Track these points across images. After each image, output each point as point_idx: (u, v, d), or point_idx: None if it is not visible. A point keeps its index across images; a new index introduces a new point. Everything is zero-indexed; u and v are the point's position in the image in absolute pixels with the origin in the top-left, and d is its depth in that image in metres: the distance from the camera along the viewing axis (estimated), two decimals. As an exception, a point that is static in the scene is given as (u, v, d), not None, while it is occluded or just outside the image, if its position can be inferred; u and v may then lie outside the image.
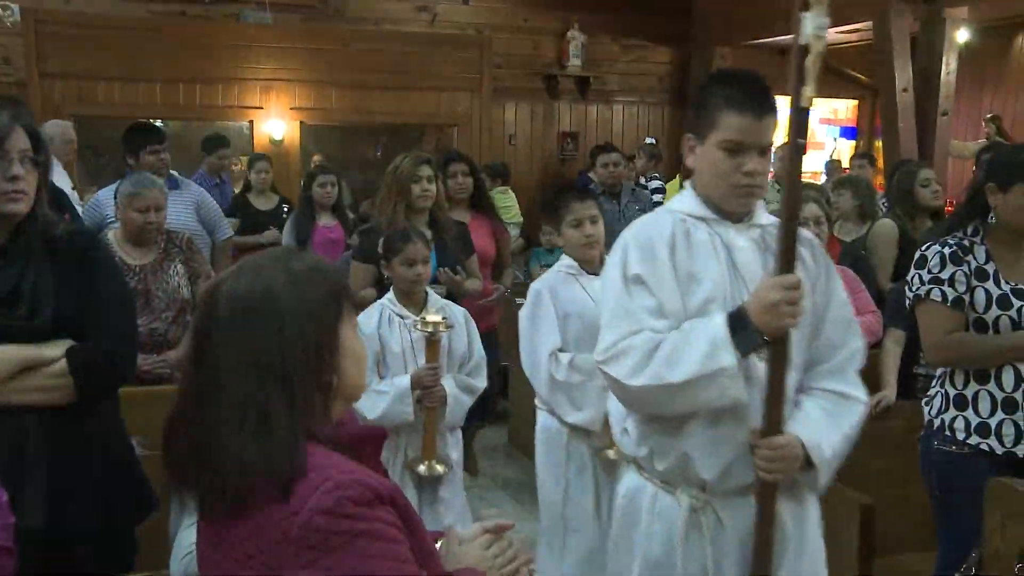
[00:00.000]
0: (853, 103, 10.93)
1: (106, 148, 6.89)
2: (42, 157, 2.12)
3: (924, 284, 2.78)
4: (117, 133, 5.29)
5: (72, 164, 6.08)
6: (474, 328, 3.40)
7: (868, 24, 7.28)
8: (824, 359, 2.12)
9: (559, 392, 3.12)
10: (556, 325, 3.13)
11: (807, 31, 1.89)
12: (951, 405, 2.80)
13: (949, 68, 7.25)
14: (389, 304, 3.27)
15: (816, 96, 1.91)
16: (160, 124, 7.15)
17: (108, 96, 7.63)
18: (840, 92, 10.38)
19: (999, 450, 2.71)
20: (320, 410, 1.36)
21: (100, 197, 4.72)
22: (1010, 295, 2.72)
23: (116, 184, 4.09)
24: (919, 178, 4.80)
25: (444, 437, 3.26)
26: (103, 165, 7.47)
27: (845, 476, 2.32)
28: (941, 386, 2.85)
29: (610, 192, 6.16)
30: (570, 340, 3.13)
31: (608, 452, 3.12)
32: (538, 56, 9.51)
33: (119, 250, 3.55)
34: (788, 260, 1.94)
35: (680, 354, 1.94)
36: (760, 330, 1.92)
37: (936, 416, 2.83)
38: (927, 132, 7.21)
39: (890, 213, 4.91)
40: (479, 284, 4.24)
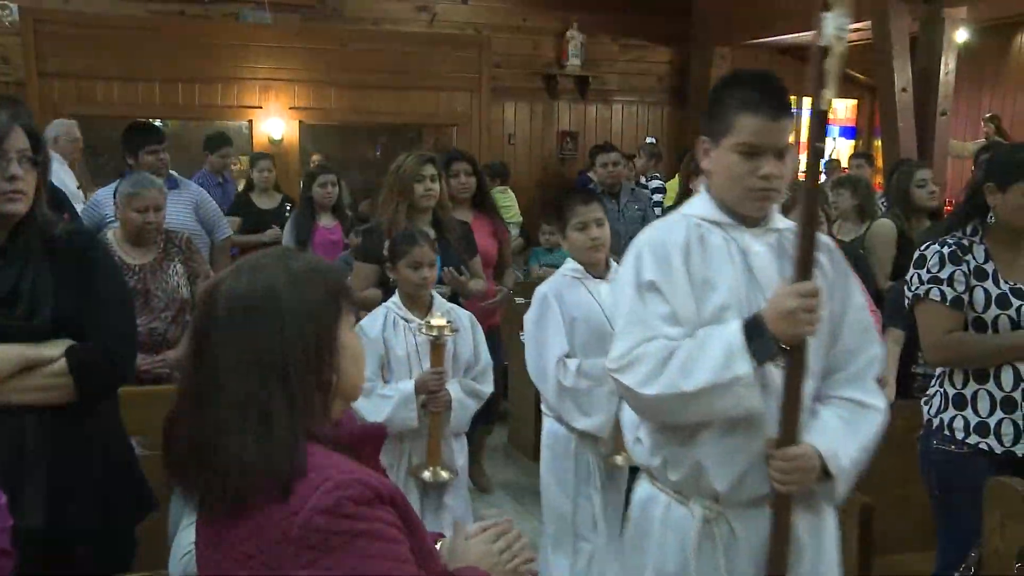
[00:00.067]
0: (852, 103, 10.94)
1: (105, 148, 6.88)
2: (41, 157, 2.12)
3: (923, 284, 2.78)
4: (116, 133, 5.28)
5: (75, 163, 6.08)
6: (480, 332, 3.36)
7: (867, 24, 7.28)
8: (841, 366, 2.07)
9: (567, 398, 3.07)
10: (563, 330, 3.09)
11: (828, 32, 1.85)
12: (950, 404, 2.80)
13: (948, 68, 7.26)
14: (394, 307, 3.22)
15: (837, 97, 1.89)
16: (159, 124, 7.15)
17: (107, 96, 7.64)
18: (839, 92, 10.36)
19: (998, 449, 2.71)
20: (320, 409, 1.36)
21: (99, 197, 4.71)
22: (1009, 294, 2.72)
23: (115, 184, 4.09)
24: (915, 179, 4.80)
25: (449, 443, 3.21)
26: (102, 165, 7.46)
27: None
28: (940, 385, 2.85)
29: (609, 192, 6.15)
30: (577, 345, 3.10)
31: (616, 458, 3.10)
32: (537, 56, 9.52)
33: (118, 250, 3.55)
34: (806, 267, 1.89)
35: (695, 362, 1.89)
36: (776, 338, 1.87)
37: (935, 415, 2.84)
38: (926, 132, 7.21)
39: (888, 213, 4.92)
40: (483, 285, 4.20)
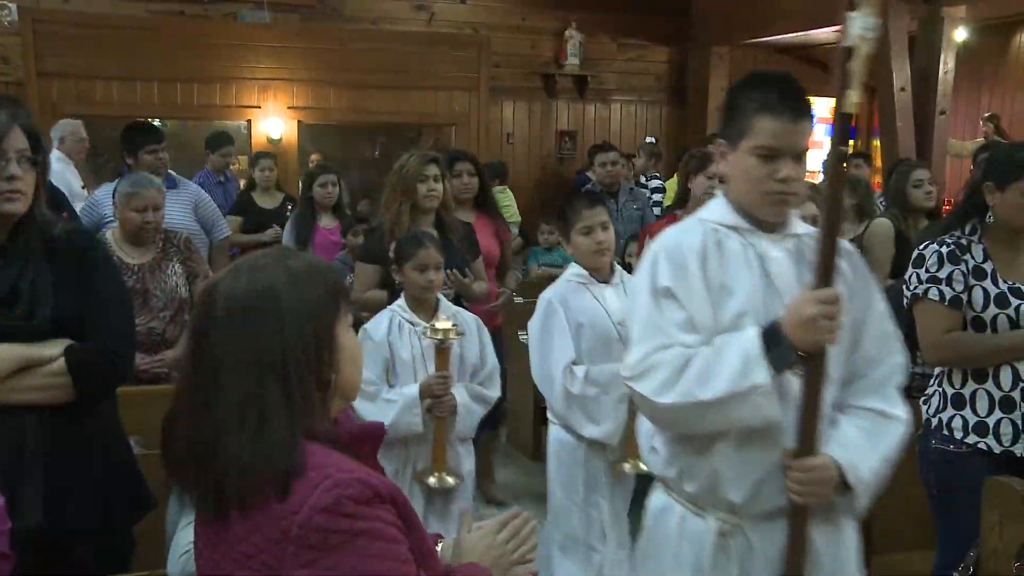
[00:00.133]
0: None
1: (104, 148, 6.88)
2: (40, 157, 2.12)
3: (922, 283, 2.78)
4: (115, 133, 5.28)
5: (80, 163, 6.10)
6: (487, 336, 3.31)
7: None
8: (863, 374, 2.01)
9: (575, 406, 3.03)
10: (569, 337, 3.04)
11: (853, 32, 1.81)
12: (949, 404, 2.80)
13: (947, 67, 7.27)
14: (399, 310, 3.18)
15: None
16: (158, 123, 7.15)
17: (106, 96, 7.63)
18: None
19: (997, 449, 2.71)
20: (319, 409, 1.36)
21: (98, 196, 4.71)
22: (1008, 294, 2.72)
23: (114, 183, 4.09)
24: (912, 179, 4.80)
25: (455, 448, 3.16)
26: (101, 165, 7.46)
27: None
28: (939, 385, 2.85)
29: (608, 191, 6.15)
30: (583, 351, 3.05)
31: (624, 465, 3.06)
32: (536, 55, 9.52)
33: (117, 249, 3.55)
34: (827, 273, 1.85)
35: (711, 370, 1.85)
36: (795, 346, 1.83)
37: (934, 415, 2.84)
38: (925, 131, 7.22)
39: (886, 212, 4.92)
40: (486, 287, 4.15)
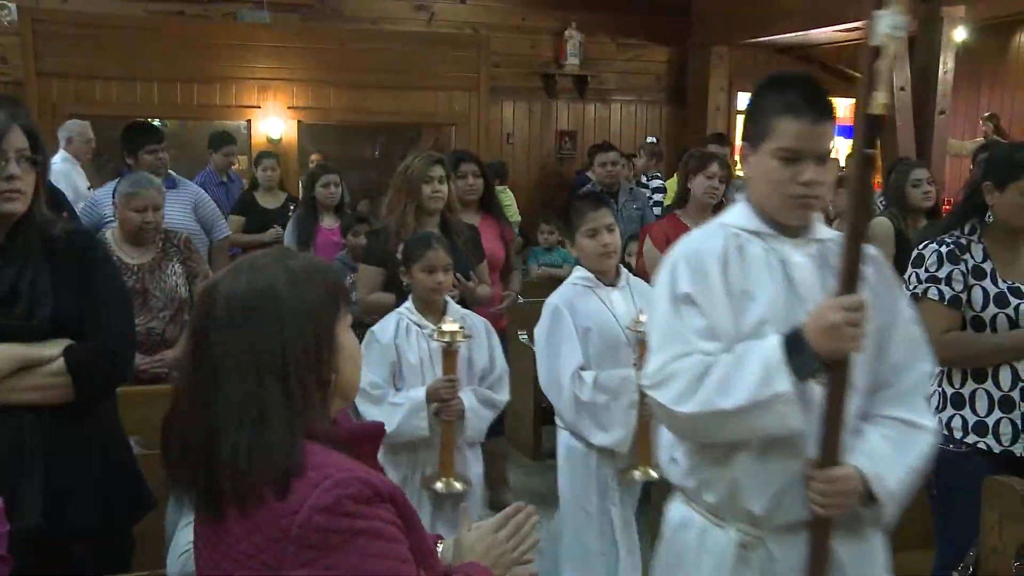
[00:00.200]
0: (851, 102, 10.93)
1: (104, 148, 6.88)
2: (40, 157, 2.12)
3: (921, 283, 2.78)
4: (115, 133, 5.28)
5: (87, 163, 6.10)
6: (496, 339, 3.28)
7: (866, 23, 7.29)
8: (889, 383, 1.95)
9: (584, 414, 2.97)
10: (576, 342, 2.98)
11: (880, 31, 1.76)
12: (948, 404, 2.80)
13: (947, 67, 7.28)
14: (407, 313, 3.14)
15: None
16: (158, 123, 7.14)
17: (106, 95, 7.63)
18: (838, 91, 10.39)
19: (996, 449, 2.71)
20: (319, 408, 1.36)
21: (98, 196, 4.71)
22: (1007, 293, 2.72)
23: (114, 183, 4.09)
24: (910, 178, 4.80)
25: (463, 453, 3.11)
26: (101, 165, 7.47)
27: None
28: (938, 385, 2.85)
29: (608, 191, 6.15)
30: (591, 356, 3.00)
31: (634, 473, 3.01)
32: (536, 55, 9.52)
33: (117, 249, 3.55)
34: (851, 279, 1.79)
35: (732, 379, 1.80)
36: (818, 354, 1.77)
37: (933, 415, 2.83)
38: (925, 131, 7.23)
39: (886, 212, 4.92)
40: (489, 291, 4.11)
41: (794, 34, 8.82)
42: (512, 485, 4.99)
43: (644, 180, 7.96)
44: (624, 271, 3.17)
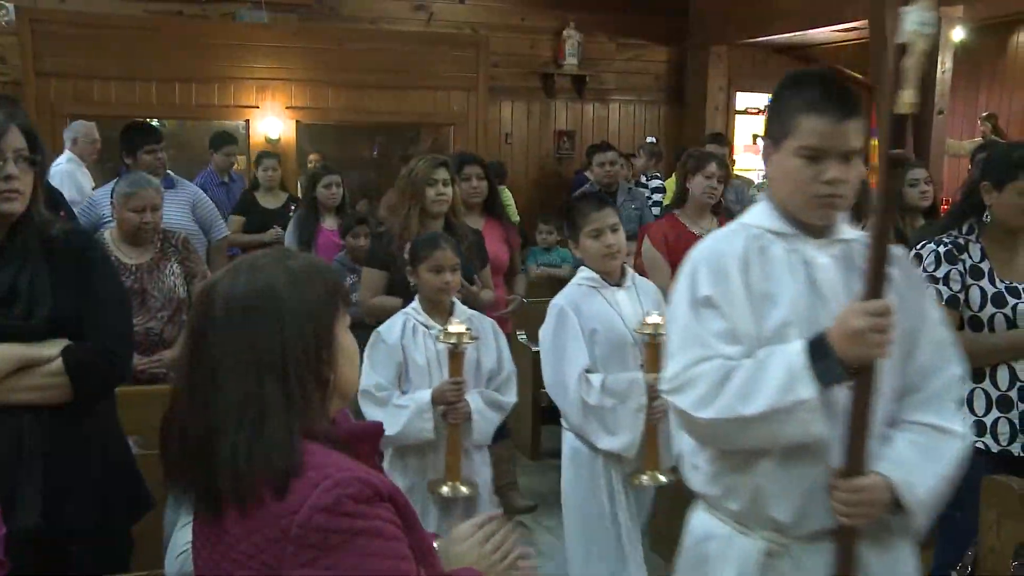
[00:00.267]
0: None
1: (103, 148, 6.87)
2: (38, 157, 2.12)
3: (920, 282, 2.78)
4: (114, 133, 5.28)
5: (92, 164, 6.09)
6: (504, 340, 3.24)
7: (864, 23, 7.29)
8: (917, 387, 1.89)
9: (591, 417, 2.93)
10: (583, 343, 2.95)
11: (907, 28, 1.72)
12: (947, 403, 2.80)
13: (945, 66, 7.28)
14: (414, 313, 3.09)
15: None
16: (157, 123, 7.13)
17: (104, 96, 7.62)
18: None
19: (994, 448, 2.72)
20: (318, 408, 1.36)
21: (96, 197, 4.72)
22: (1005, 293, 2.73)
23: (112, 184, 4.09)
24: (907, 178, 4.81)
25: (470, 456, 3.06)
26: (100, 165, 7.46)
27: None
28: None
29: (606, 191, 6.15)
30: (597, 358, 2.96)
31: (642, 478, 2.97)
32: (534, 55, 9.52)
33: (115, 250, 3.55)
34: (877, 283, 1.74)
35: (754, 385, 1.75)
36: (843, 360, 1.72)
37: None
38: (923, 130, 7.22)
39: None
40: (492, 296, 4.09)
41: (793, 34, 8.82)
42: (511, 485, 4.99)
43: (644, 180, 7.97)
44: (630, 271, 3.14)
